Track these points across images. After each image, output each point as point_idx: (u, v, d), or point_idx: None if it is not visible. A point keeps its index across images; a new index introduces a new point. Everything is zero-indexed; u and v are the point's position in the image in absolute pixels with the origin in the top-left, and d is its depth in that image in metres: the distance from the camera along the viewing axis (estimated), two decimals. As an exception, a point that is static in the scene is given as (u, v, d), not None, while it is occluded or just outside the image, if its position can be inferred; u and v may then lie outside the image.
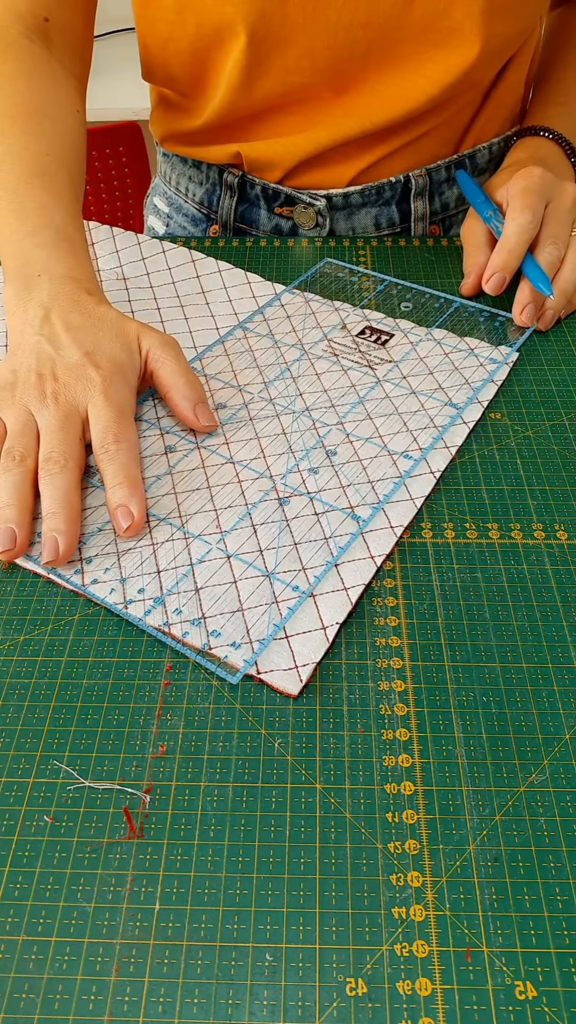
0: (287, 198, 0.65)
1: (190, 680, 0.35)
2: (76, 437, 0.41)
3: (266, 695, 0.34)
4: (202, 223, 0.71)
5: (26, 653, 0.36)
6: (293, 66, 0.56)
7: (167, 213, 0.74)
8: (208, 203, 0.69)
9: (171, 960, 0.27)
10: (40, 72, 0.55)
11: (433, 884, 0.29)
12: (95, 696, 0.34)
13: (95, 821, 0.31)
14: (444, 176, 0.65)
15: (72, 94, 0.57)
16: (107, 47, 0.64)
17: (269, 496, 0.42)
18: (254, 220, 0.67)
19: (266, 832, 0.30)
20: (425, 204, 0.65)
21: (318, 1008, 0.26)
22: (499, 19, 0.54)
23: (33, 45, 0.56)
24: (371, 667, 0.35)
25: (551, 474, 0.44)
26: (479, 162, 0.67)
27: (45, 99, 0.54)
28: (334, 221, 0.65)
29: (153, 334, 0.46)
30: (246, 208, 0.67)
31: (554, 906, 0.28)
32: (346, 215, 0.65)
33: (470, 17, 0.53)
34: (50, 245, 0.47)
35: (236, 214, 0.68)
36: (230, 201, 0.67)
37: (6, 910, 0.28)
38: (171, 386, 0.45)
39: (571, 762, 0.32)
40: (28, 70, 0.55)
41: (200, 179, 0.68)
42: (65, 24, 0.58)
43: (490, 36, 0.55)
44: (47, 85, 0.55)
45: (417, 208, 0.65)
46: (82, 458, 0.41)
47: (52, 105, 0.54)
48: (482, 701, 0.34)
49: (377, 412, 0.47)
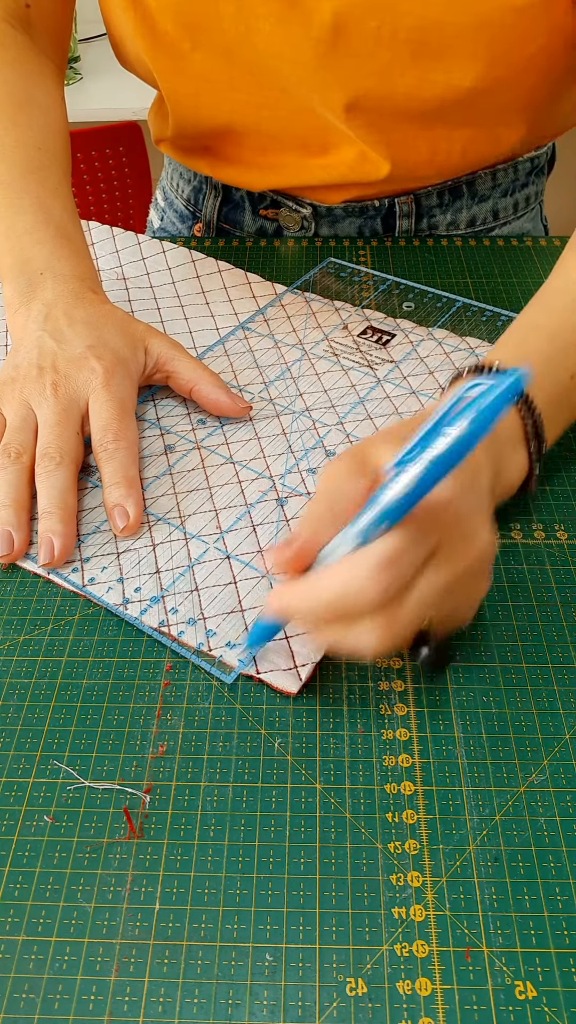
0: (272, 201, 0.64)
1: (190, 680, 0.35)
2: (74, 431, 0.41)
3: (266, 695, 0.34)
4: (188, 220, 0.71)
5: (26, 653, 0.36)
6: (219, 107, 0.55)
7: (162, 208, 0.75)
8: (194, 201, 0.69)
9: (171, 960, 0.27)
10: (24, 60, 0.54)
11: (433, 884, 0.29)
12: (95, 696, 0.34)
13: (95, 821, 0.31)
14: (436, 201, 0.62)
15: (56, 83, 0.56)
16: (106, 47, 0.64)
17: (268, 496, 0.42)
18: (238, 221, 0.67)
19: (266, 832, 0.30)
20: (411, 223, 0.63)
21: (318, 1008, 0.26)
22: None
23: (15, 32, 0.55)
24: (371, 667, 0.35)
25: (551, 474, 0.44)
26: (479, 188, 0.62)
27: (32, 88, 0.53)
28: (319, 227, 0.64)
29: (161, 336, 0.46)
30: (230, 209, 0.67)
31: (554, 906, 0.28)
32: (329, 222, 0.64)
33: None
34: (51, 242, 0.47)
35: (220, 215, 0.67)
36: (214, 201, 0.67)
37: (6, 910, 0.28)
38: (196, 379, 0.45)
39: (571, 762, 0.32)
40: (12, 59, 0.54)
41: (189, 177, 0.69)
42: (46, 10, 0.57)
43: None
44: (32, 73, 0.54)
45: (402, 226, 0.63)
46: (79, 454, 0.41)
47: (40, 94, 0.53)
48: (482, 701, 0.34)
49: (377, 412, 0.47)
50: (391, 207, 0.62)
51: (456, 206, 0.63)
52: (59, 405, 0.41)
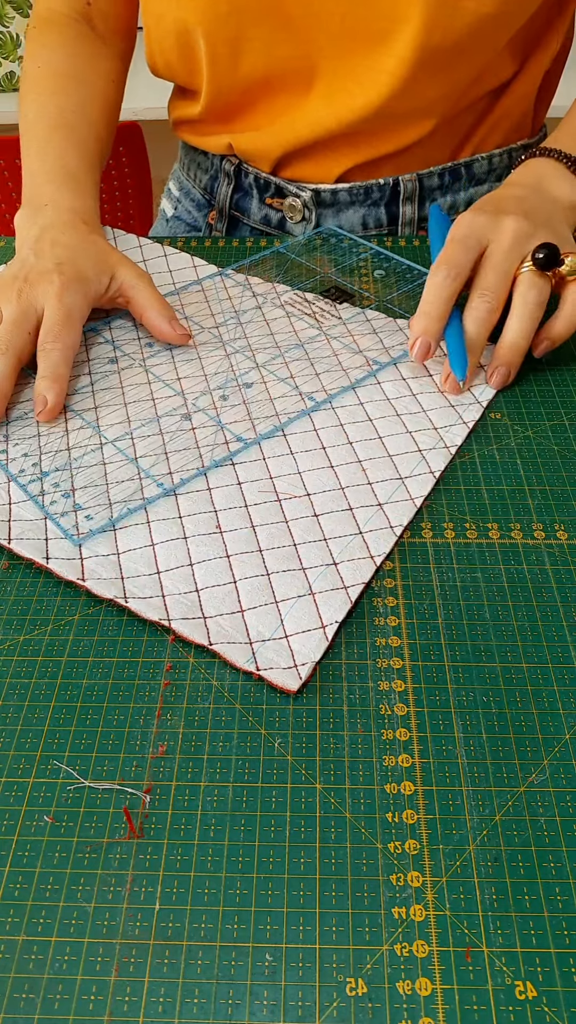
0: (277, 189, 0.67)
1: (190, 680, 0.35)
2: (25, 331, 0.48)
3: (266, 695, 0.34)
4: (204, 208, 0.75)
5: (26, 653, 0.36)
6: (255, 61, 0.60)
7: (177, 197, 0.79)
8: (210, 190, 0.73)
9: (171, 960, 0.27)
10: (79, 44, 0.63)
11: (433, 884, 0.29)
12: (95, 696, 0.34)
13: (95, 821, 0.31)
14: (437, 183, 0.65)
15: (111, 65, 0.65)
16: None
17: (265, 490, 0.42)
18: (246, 209, 0.70)
19: (266, 832, 0.30)
20: (414, 209, 0.66)
21: (318, 1008, 0.26)
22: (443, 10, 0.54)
23: (78, 24, 0.65)
24: (371, 667, 0.35)
25: (551, 474, 0.44)
26: (476, 171, 0.66)
27: (81, 67, 0.62)
28: (322, 217, 0.66)
29: (130, 266, 0.52)
30: (240, 196, 0.70)
31: (554, 906, 0.28)
32: (334, 212, 0.66)
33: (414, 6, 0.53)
34: (59, 182, 0.55)
35: (231, 202, 0.71)
36: (227, 188, 0.71)
37: (6, 910, 0.29)
38: (146, 306, 0.51)
39: (571, 762, 0.32)
40: (67, 43, 0.63)
41: (206, 166, 0.72)
42: (105, 9, 0.66)
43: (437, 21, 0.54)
44: (83, 55, 0.63)
45: (405, 212, 0.66)
46: (26, 352, 0.48)
47: (88, 72, 0.62)
48: (482, 701, 0.34)
49: (377, 414, 0.47)
50: (395, 189, 0.64)
51: (455, 187, 0.66)
52: (19, 308, 0.48)
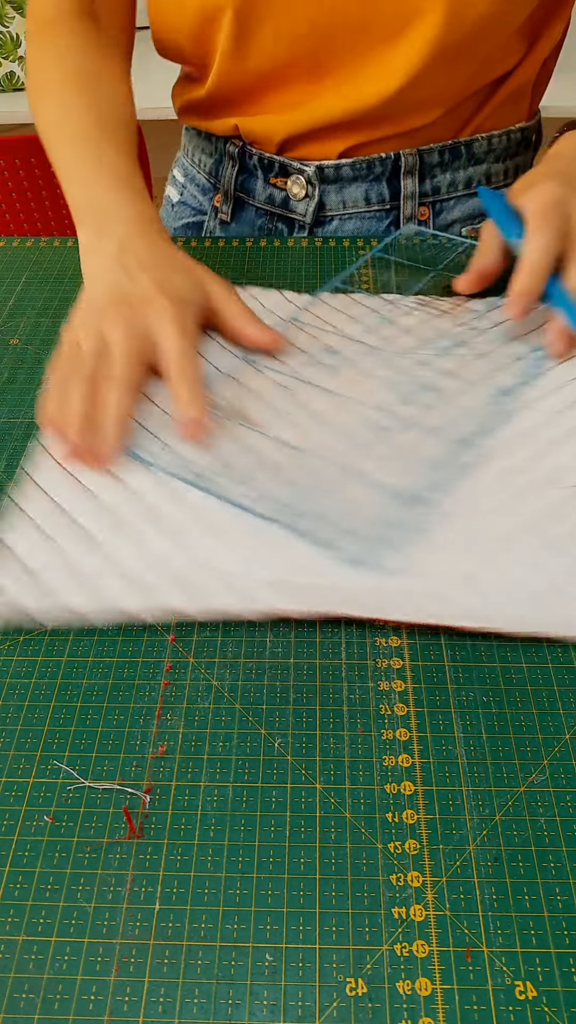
0: (281, 168, 0.68)
1: (190, 680, 0.35)
2: (144, 365, 0.46)
3: (266, 695, 0.34)
4: (209, 192, 0.76)
5: (26, 653, 0.36)
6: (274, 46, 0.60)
7: (182, 183, 0.80)
8: (215, 173, 0.74)
9: (171, 960, 0.27)
10: (91, 44, 0.62)
11: (433, 884, 0.29)
12: (95, 696, 0.34)
13: (95, 821, 0.31)
14: (437, 160, 0.66)
15: (122, 69, 0.64)
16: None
17: None
18: (251, 190, 0.71)
19: (266, 832, 0.30)
20: (415, 183, 0.67)
21: (318, 1008, 0.26)
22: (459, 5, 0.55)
23: (84, 23, 0.63)
24: (371, 667, 0.35)
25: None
26: (475, 151, 0.67)
27: (100, 68, 0.61)
28: (324, 194, 0.67)
29: (216, 278, 0.51)
30: (245, 178, 0.71)
31: (554, 906, 0.28)
32: (337, 188, 0.67)
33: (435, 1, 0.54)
34: (116, 189, 0.52)
35: (236, 183, 0.72)
36: (231, 171, 0.71)
37: (6, 910, 0.29)
38: (235, 315, 0.50)
39: (571, 762, 0.32)
40: (80, 43, 0.62)
41: (210, 151, 0.73)
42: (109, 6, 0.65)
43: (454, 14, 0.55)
44: (98, 57, 0.62)
45: (407, 186, 0.67)
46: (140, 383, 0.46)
47: (106, 73, 0.61)
48: (482, 701, 0.34)
49: None
50: (396, 164, 0.65)
51: (455, 166, 0.67)
52: (131, 340, 0.45)
